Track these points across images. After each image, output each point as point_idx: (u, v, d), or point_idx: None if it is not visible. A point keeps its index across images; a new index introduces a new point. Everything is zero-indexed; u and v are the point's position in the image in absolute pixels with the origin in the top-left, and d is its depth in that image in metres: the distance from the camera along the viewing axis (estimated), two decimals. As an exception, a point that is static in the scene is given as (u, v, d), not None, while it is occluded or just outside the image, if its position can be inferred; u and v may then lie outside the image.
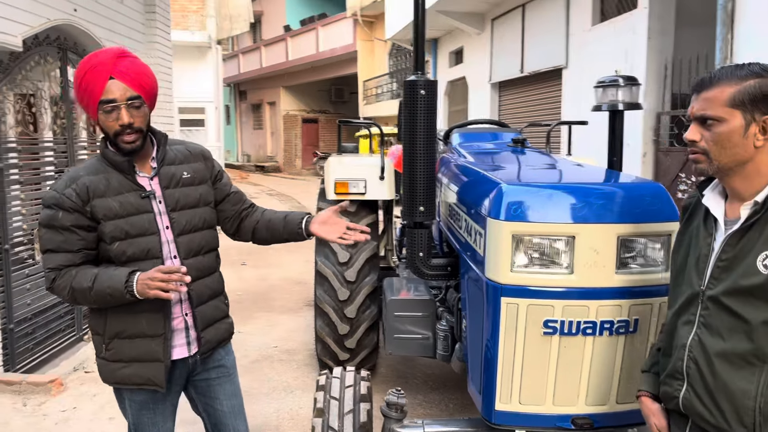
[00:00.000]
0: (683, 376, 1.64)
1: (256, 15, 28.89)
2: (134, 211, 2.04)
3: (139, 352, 2.08)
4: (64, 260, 2.01)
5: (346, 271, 4.19)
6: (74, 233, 2.00)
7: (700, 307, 1.61)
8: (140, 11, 7.38)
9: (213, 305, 2.25)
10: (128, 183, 2.06)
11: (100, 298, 1.99)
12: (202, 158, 2.26)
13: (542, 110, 9.26)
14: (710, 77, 1.58)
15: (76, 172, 2.08)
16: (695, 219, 1.71)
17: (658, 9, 6.56)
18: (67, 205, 1.99)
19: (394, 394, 2.53)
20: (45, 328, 5.32)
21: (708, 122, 1.56)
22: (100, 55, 2.01)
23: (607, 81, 3.01)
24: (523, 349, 2.14)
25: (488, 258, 2.19)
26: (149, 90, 2.04)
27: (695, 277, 1.64)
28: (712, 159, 1.57)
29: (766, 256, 1.49)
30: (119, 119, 1.95)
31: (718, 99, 1.54)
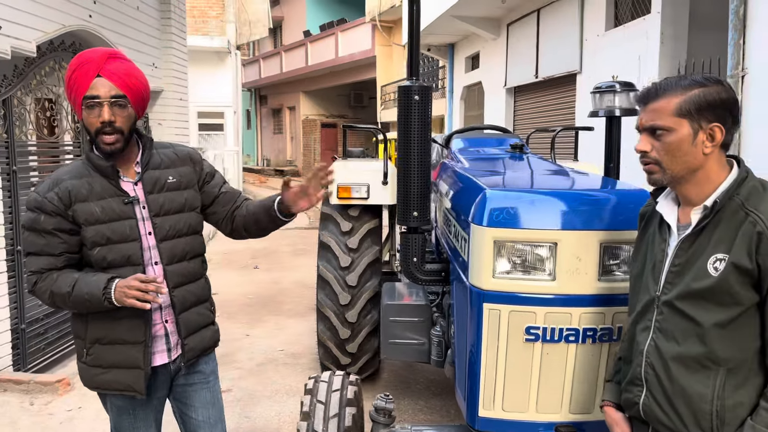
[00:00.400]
0: (642, 382, 1.67)
1: (277, 20, 29.16)
2: (116, 217, 2.02)
3: (119, 358, 2.06)
4: (46, 264, 2.00)
5: (348, 276, 4.21)
6: (56, 237, 1.99)
7: (656, 312, 1.64)
8: (155, 17, 7.49)
9: (197, 312, 2.21)
10: (111, 188, 2.04)
11: (79, 303, 1.98)
12: (189, 161, 2.22)
13: (556, 115, 9.20)
14: (656, 89, 1.62)
15: (59, 175, 2.06)
16: (651, 226, 1.75)
17: (671, 14, 6.49)
18: (49, 208, 1.98)
19: (382, 399, 2.54)
20: (57, 328, 5.41)
21: (658, 132, 1.60)
22: (90, 53, 2.01)
23: (603, 87, 2.99)
24: (506, 355, 2.13)
25: (472, 264, 2.19)
26: (136, 92, 2.01)
27: (651, 283, 1.67)
28: (665, 168, 1.61)
29: (716, 259, 1.53)
30: (100, 116, 1.93)
31: (666, 109, 1.59)
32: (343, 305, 4.19)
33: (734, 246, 1.52)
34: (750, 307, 1.53)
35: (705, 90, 1.57)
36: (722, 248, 1.53)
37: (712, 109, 1.57)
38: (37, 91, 5.27)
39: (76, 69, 1.97)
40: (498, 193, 2.18)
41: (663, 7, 6.46)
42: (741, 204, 1.55)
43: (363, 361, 4.33)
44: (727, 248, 1.53)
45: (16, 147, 4.86)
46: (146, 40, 7.15)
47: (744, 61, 5.07)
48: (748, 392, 1.55)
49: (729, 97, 1.59)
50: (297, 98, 28.46)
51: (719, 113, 1.57)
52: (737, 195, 1.57)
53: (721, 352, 1.55)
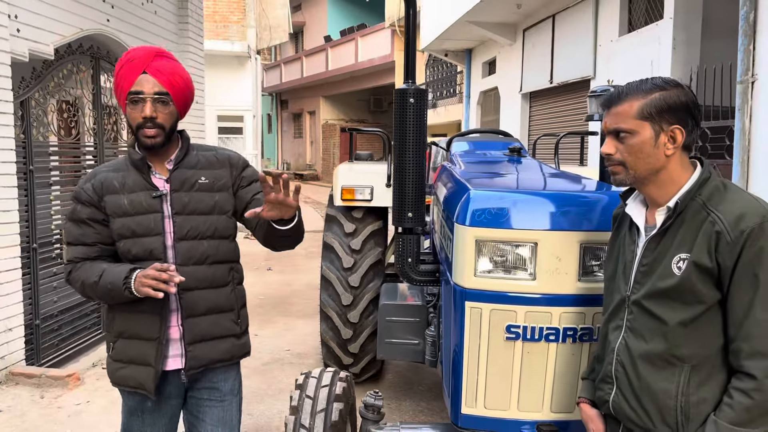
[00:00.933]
0: (612, 379, 1.71)
1: (299, 26, 29.43)
2: (143, 210, 2.04)
3: (135, 353, 2.07)
4: (81, 253, 2.05)
5: (350, 276, 4.26)
6: (90, 227, 2.04)
7: (627, 312, 1.69)
8: (173, 21, 7.63)
9: (211, 320, 2.12)
10: (142, 182, 2.07)
11: (104, 293, 2.01)
12: (227, 165, 2.18)
13: (570, 121, 9.17)
14: (618, 93, 1.67)
15: (99, 168, 2.15)
16: (623, 228, 1.79)
17: (684, 19, 6.45)
18: (84, 198, 2.05)
19: (371, 396, 2.58)
20: (71, 325, 5.54)
21: (621, 135, 1.65)
22: (139, 50, 2.06)
23: (599, 91, 3.01)
24: (487, 353, 2.16)
25: (455, 263, 2.23)
26: (179, 91, 2.04)
27: (622, 284, 1.72)
28: (629, 169, 1.66)
29: (680, 258, 1.57)
30: (143, 111, 1.97)
31: (628, 113, 1.64)
32: (346, 305, 4.24)
33: (695, 245, 1.56)
34: (713, 305, 1.57)
35: (665, 93, 1.62)
36: (685, 248, 1.57)
37: (673, 112, 1.61)
38: (56, 93, 5.42)
39: (123, 65, 2.02)
40: (481, 194, 2.21)
41: (675, 12, 6.43)
42: (703, 204, 1.59)
43: (365, 361, 4.37)
44: (689, 248, 1.57)
45: (33, 147, 5.00)
46: (163, 44, 7.28)
47: (754, 67, 5.03)
48: (711, 389, 1.58)
49: (689, 100, 1.64)
50: (317, 103, 28.67)
51: (680, 116, 1.62)
52: (699, 195, 1.61)
53: (686, 350, 1.59)
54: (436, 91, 19.05)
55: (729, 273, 1.53)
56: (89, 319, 5.82)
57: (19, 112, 4.84)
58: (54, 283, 5.29)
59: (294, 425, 2.37)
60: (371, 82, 24.50)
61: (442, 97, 18.50)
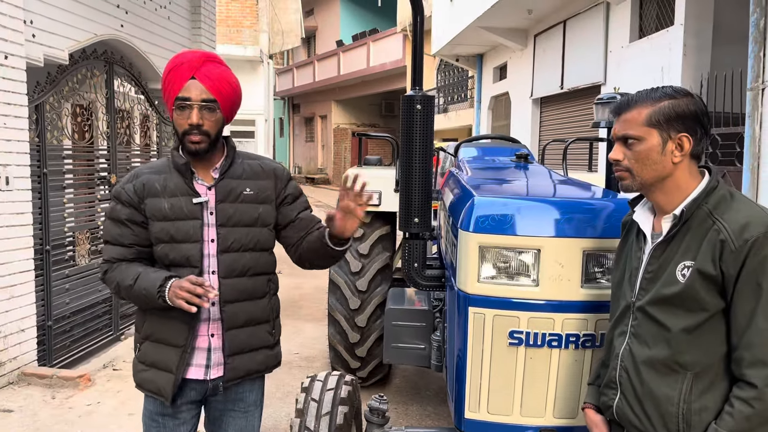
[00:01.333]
0: (617, 385, 1.73)
1: (311, 30, 29.58)
2: (183, 216, 2.00)
3: (159, 358, 2.04)
4: (118, 254, 2.03)
5: (358, 281, 4.28)
6: (128, 228, 2.01)
7: (631, 318, 1.70)
8: (186, 26, 7.71)
9: (250, 332, 2.09)
10: (184, 186, 2.02)
11: (138, 298, 1.98)
12: (272, 176, 2.13)
13: (580, 126, 9.16)
14: (628, 101, 1.70)
15: (141, 169, 2.10)
16: (630, 235, 1.80)
17: (695, 26, 6.44)
18: (124, 198, 2.02)
19: (376, 400, 2.60)
20: (83, 326, 5.61)
21: (629, 141, 1.67)
22: (188, 54, 2.01)
23: (605, 98, 3.02)
24: (490, 358, 2.18)
25: (459, 268, 2.25)
26: (227, 97, 1.99)
27: (628, 290, 1.73)
28: (635, 175, 1.67)
29: (684, 266, 1.58)
30: (189, 118, 1.94)
31: (636, 120, 1.66)
32: (353, 309, 4.27)
33: (700, 253, 1.57)
34: (716, 313, 1.58)
35: (674, 102, 1.64)
36: (689, 255, 1.59)
37: (681, 120, 1.63)
38: (70, 97, 5.49)
39: (172, 69, 1.99)
40: (485, 200, 2.23)
41: (686, 19, 6.42)
42: (709, 212, 1.60)
43: (372, 365, 4.39)
44: (694, 255, 1.58)
45: (48, 150, 5.08)
46: (176, 49, 7.35)
47: (764, 74, 5.01)
48: (713, 396, 1.59)
49: (698, 108, 1.65)
50: (329, 107, 28.78)
51: (688, 124, 1.64)
52: (705, 204, 1.62)
53: (688, 357, 1.60)
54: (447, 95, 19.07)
55: (732, 281, 1.54)
56: (101, 321, 5.88)
57: (33, 115, 4.91)
58: (66, 285, 5.36)
59: (299, 428, 2.39)
60: (383, 86, 24.57)
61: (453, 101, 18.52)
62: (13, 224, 4.62)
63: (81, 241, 5.85)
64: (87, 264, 5.76)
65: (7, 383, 4.58)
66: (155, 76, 6.88)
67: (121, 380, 4.85)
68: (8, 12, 4.50)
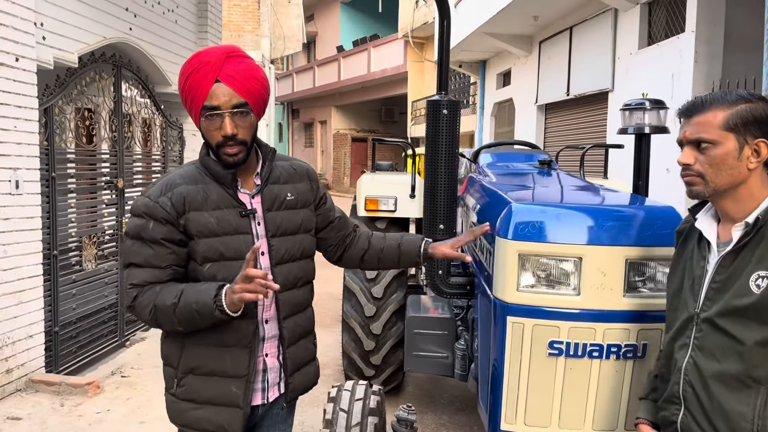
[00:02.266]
0: (680, 400, 1.64)
1: (311, 35, 29.57)
2: (231, 231, 1.78)
3: (216, 393, 1.81)
4: (150, 276, 1.76)
5: (374, 287, 4.23)
6: (164, 247, 1.76)
7: (695, 329, 1.62)
8: (193, 30, 7.67)
9: (303, 346, 1.97)
10: (228, 198, 1.80)
11: (186, 316, 1.71)
12: (307, 179, 2.00)
13: (587, 133, 9.15)
14: (701, 102, 1.62)
15: (171, 179, 1.82)
16: (689, 243, 1.73)
17: (706, 33, 6.43)
18: (160, 215, 1.75)
19: (404, 410, 2.55)
20: (89, 332, 5.54)
21: (703, 146, 1.59)
22: (206, 54, 1.77)
23: (633, 104, 2.98)
24: (529, 369, 2.13)
25: (496, 277, 2.20)
26: (257, 96, 1.78)
27: (690, 300, 1.65)
28: (708, 181, 1.60)
29: (759, 276, 1.51)
30: (222, 129, 1.72)
31: (712, 123, 1.58)
32: (369, 317, 4.21)
33: None
34: None
35: (752, 105, 1.57)
36: (764, 265, 1.51)
37: (759, 125, 1.56)
38: (78, 100, 5.44)
39: (191, 73, 1.75)
40: (523, 207, 2.19)
41: (698, 25, 6.41)
42: None
43: (387, 373, 4.33)
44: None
45: (56, 154, 5.02)
46: (183, 53, 7.31)
47: (780, 81, 4.99)
48: None
49: None
50: (328, 112, 28.77)
51: (765, 129, 1.57)
52: None
53: (763, 371, 1.52)
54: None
55: None
56: (106, 327, 5.82)
57: (42, 119, 4.86)
58: (73, 290, 5.30)
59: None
60: (383, 92, 24.58)
61: (454, 107, 18.47)
62: (23, 229, 4.55)
63: (87, 245, 5.79)
64: (93, 269, 5.70)
65: (15, 390, 4.50)
66: (162, 79, 6.84)
67: (131, 387, 4.78)
68: (19, 14, 4.45)
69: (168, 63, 6.85)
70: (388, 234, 2.18)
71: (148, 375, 5.06)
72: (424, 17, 18.78)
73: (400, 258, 2.10)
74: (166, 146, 7.12)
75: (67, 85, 5.18)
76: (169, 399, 1.89)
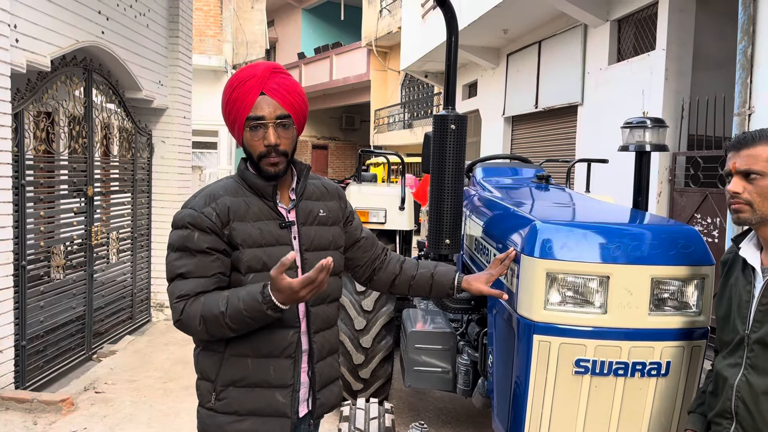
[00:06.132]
0: (732, 415, 1.76)
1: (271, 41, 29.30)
2: (273, 242, 1.81)
3: (260, 404, 1.80)
4: (197, 286, 1.75)
5: (363, 300, 4.19)
6: (211, 255, 1.76)
7: (746, 350, 1.75)
8: (164, 35, 7.49)
9: (330, 363, 1.97)
10: (268, 210, 1.84)
11: (238, 322, 1.70)
12: (337, 197, 2.04)
13: (556, 146, 9.31)
14: (752, 137, 1.77)
15: (213, 190, 1.84)
16: (734, 271, 1.87)
17: (676, 51, 6.64)
18: (205, 224, 1.76)
19: (417, 428, 2.52)
20: (56, 345, 5.32)
21: (752, 176, 1.73)
22: (253, 69, 1.83)
23: (634, 122, 3.04)
24: (554, 387, 2.13)
25: (521, 294, 2.20)
26: (299, 111, 1.85)
27: (739, 323, 1.78)
28: (756, 209, 1.74)
29: None
30: (266, 138, 1.77)
31: (761, 156, 1.73)
32: (358, 330, 4.16)
33: None
34: None
35: None
36: None
37: None
38: (47, 105, 5.24)
39: (237, 86, 1.80)
40: (549, 226, 2.19)
41: (668, 44, 6.61)
42: None
43: (375, 386, 4.29)
44: None
45: (25, 161, 4.81)
46: (154, 58, 7.15)
47: (751, 100, 5.18)
48: None
49: None
50: (289, 119, 28.57)
51: None
52: None
53: None
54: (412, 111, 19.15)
55: None
56: (74, 340, 5.60)
57: (12, 124, 4.65)
58: (41, 302, 5.08)
59: (347, 460, 2.28)
60: (345, 100, 24.57)
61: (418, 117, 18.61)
62: (-7, 239, 4.35)
63: (55, 255, 5.56)
64: (62, 279, 5.48)
65: (-17, 409, 4.29)
66: (133, 84, 6.66)
67: (106, 404, 4.60)
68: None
69: (139, 68, 6.67)
70: (421, 262, 2.19)
71: (123, 390, 4.89)
72: (388, 26, 18.86)
73: (432, 288, 2.12)
74: (135, 153, 6.93)
75: (38, 89, 4.99)
76: (204, 414, 1.85)
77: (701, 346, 2.16)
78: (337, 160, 28.27)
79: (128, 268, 6.72)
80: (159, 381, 5.13)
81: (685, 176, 6.43)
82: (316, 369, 1.89)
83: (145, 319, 7.12)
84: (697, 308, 2.15)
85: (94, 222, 5.85)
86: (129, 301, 6.74)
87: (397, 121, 20.50)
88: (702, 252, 2.15)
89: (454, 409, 4.71)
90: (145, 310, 7.16)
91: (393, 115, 20.99)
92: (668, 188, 6.57)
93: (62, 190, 5.58)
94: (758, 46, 5.13)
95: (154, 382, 5.09)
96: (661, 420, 2.17)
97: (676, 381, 2.15)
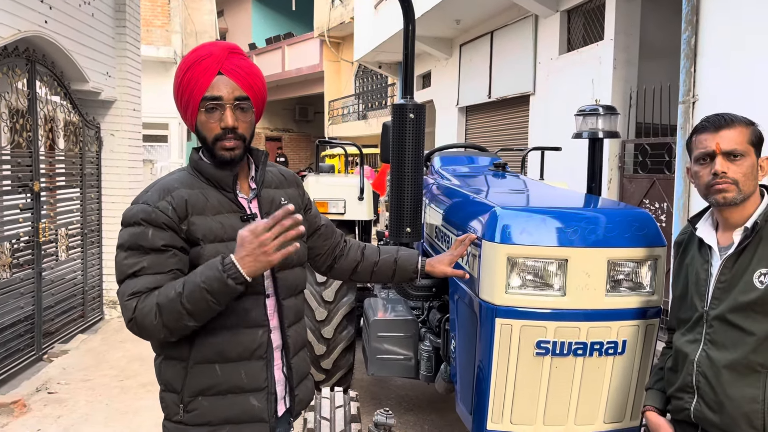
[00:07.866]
0: (693, 389, 1.82)
1: (221, 32, 28.77)
2: (235, 235, 1.63)
3: (233, 412, 1.69)
4: (151, 282, 1.61)
5: (324, 291, 4.18)
6: (166, 252, 1.63)
7: (706, 326, 1.81)
8: (110, 25, 7.28)
9: (302, 357, 1.89)
10: (228, 203, 1.72)
11: (198, 302, 1.55)
12: (295, 184, 1.95)
13: (510, 135, 9.45)
14: (731, 119, 1.81)
15: (167, 183, 1.71)
16: (690, 251, 1.93)
17: (624, 41, 6.81)
18: (161, 220, 1.62)
19: (382, 415, 2.54)
20: (4, 347, 5.14)
21: (736, 157, 1.78)
22: (210, 47, 1.70)
23: (587, 110, 3.11)
24: (516, 369, 2.18)
25: (482, 279, 2.23)
26: (258, 94, 1.74)
27: (698, 301, 1.84)
28: (741, 189, 1.78)
29: (761, 273, 1.72)
30: (223, 120, 1.65)
31: (741, 137, 1.79)
32: (320, 321, 4.16)
33: None
34: None
35: (756, 128, 1.82)
36: (765, 263, 1.72)
37: (761, 144, 1.83)
38: (-11, 97, 5.04)
39: (192, 65, 1.67)
40: (509, 212, 2.24)
41: (616, 34, 6.77)
42: None
43: (337, 377, 4.30)
44: None
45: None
46: (101, 48, 6.94)
47: (695, 88, 5.36)
48: None
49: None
50: (240, 111, 28.16)
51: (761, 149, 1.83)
52: None
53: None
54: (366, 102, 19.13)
55: None
56: (23, 341, 5.42)
57: (-47, 118, 4.46)
58: (-12, 302, 4.90)
59: (314, 449, 2.29)
60: (298, 91, 24.35)
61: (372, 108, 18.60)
62: (-64, 237, 4.17)
63: (2, 254, 5.37)
64: (8, 278, 5.29)
65: (-71, 414, 4.12)
66: (79, 76, 6.45)
67: (60, 404, 4.48)
68: (-71, 3, 4.07)
69: (85, 58, 6.47)
70: (382, 247, 2.16)
71: (77, 390, 4.77)
72: (341, 17, 18.76)
73: (395, 273, 2.10)
74: (83, 147, 6.73)
75: (-20, 81, 4.79)
76: (172, 428, 1.72)
77: (655, 325, 2.25)
78: (290, 151, 28.02)
79: (79, 265, 6.53)
80: (115, 379, 5.02)
81: (633, 163, 6.62)
82: (293, 364, 1.81)
83: (98, 317, 6.94)
84: (651, 288, 2.23)
85: (41, 218, 5.67)
86: (80, 299, 6.56)
87: (352, 113, 20.45)
88: (654, 234, 2.22)
89: (416, 396, 4.77)
90: (97, 307, 6.98)
91: (347, 107, 20.93)
92: (618, 175, 6.76)
93: (5, 186, 5.38)
94: (702, 36, 5.31)
95: (110, 381, 4.98)
96: (618, 396, 2.24)
97: (631, 359, 2.23)
